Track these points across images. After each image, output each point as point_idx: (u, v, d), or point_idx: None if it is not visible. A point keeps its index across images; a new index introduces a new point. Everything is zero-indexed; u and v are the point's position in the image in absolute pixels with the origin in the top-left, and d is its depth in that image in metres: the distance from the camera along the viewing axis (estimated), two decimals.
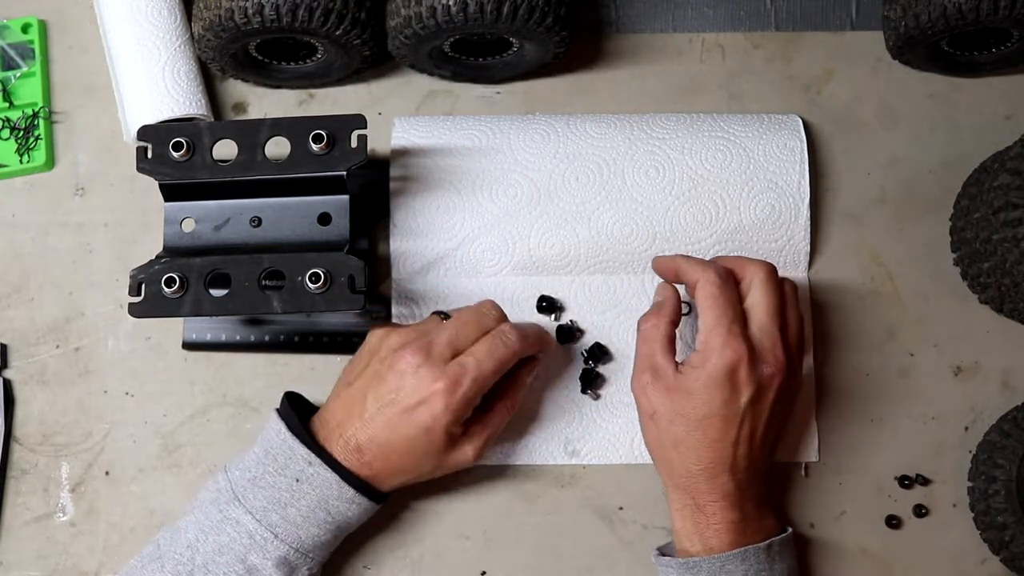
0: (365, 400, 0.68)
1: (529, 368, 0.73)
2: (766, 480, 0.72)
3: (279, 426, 0.68)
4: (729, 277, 0.70)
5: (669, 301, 0.72)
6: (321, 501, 0.67)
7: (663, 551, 0.73)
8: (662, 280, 0.75)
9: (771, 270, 0.72)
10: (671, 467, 0.70)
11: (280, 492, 0.67)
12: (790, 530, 0.72)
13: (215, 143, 0.70)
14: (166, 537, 0.67)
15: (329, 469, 0.67)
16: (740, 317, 0.69)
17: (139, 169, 0.69)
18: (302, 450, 0.67)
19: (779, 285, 0.71)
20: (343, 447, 0.68)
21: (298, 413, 0.70)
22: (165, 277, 0.67)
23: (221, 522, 0.66)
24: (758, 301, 0.70)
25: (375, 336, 0.71)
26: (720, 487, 0.69)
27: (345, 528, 0.69)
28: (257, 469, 0.68)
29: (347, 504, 0.67)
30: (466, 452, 0.69)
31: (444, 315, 0.72)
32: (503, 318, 0.71)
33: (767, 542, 0.69)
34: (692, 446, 0.69)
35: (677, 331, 0.76)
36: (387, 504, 0.72)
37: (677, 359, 0.71)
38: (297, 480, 0.67)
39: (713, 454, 0.68)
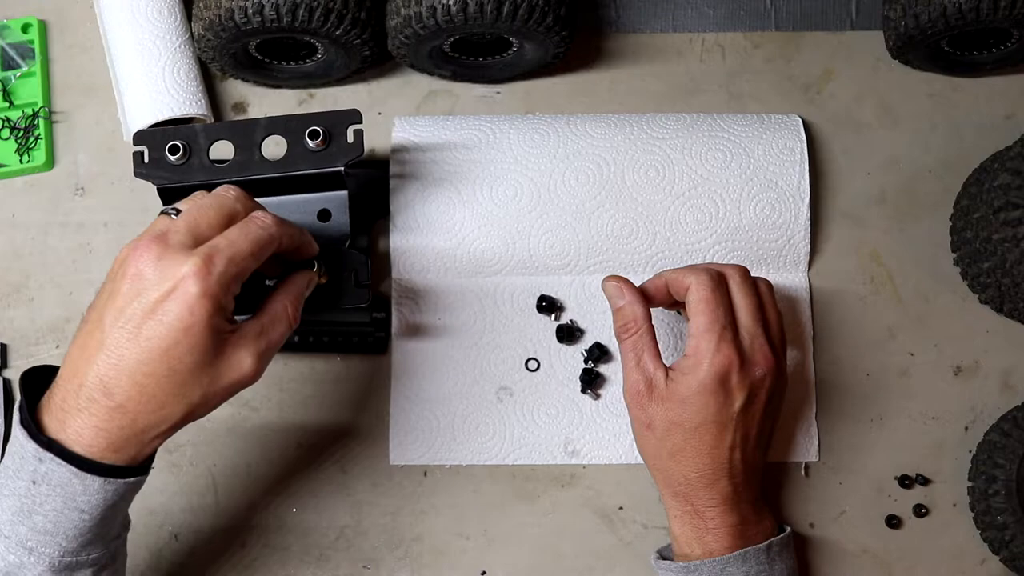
0: (102, 324, 0.56)
1: (305, 274, 0.64)
2: (761, 481, 0.72)
3: (15, 416, 0.57)
4: (721, 280, 0.69)
5: (639, 308, 0.70)
6: (67, 500, 0.56)
7: (662, 554, 0.73)
8: (611, 289, 0.72)
9: (744, 272, 0.71)
10: (669, 476, 0.70)
11: (21, 499, 0.56)
12: (788, 529, 0.72)
13: (211, 144, 0.70)
14: None
15: (63, 463, 0.55)
16: (732, 322, 0.68)
17: (136, 174, 0.69)
18: (30, 446, 0.56)
19: (755, 285, 0.71)
20: (85, 403, 0.55)
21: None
22: None
23: None
24: (738, 304, 0.70)
25: (115, 263, 0.58)
26: (719, 492, 0.68)
27: (112, 513, 0.58)
28: (2, 473, 0.58)
29: (98, 494, 0.56)
30: (242, 361, 0.58)
31: (175, 211, 0.60)
32: (252, 204, 0.62)
33: (767, 543, 0.69)
34: (690, 454, 0.68)
35: (668, 327, 0.76)
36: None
37: (666, 361, 0.70)
38: (34, 482, 0.56)
39: (711, 460, 0.68)
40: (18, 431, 0.57)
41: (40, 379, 0.60)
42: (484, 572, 0.76)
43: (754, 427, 0.69)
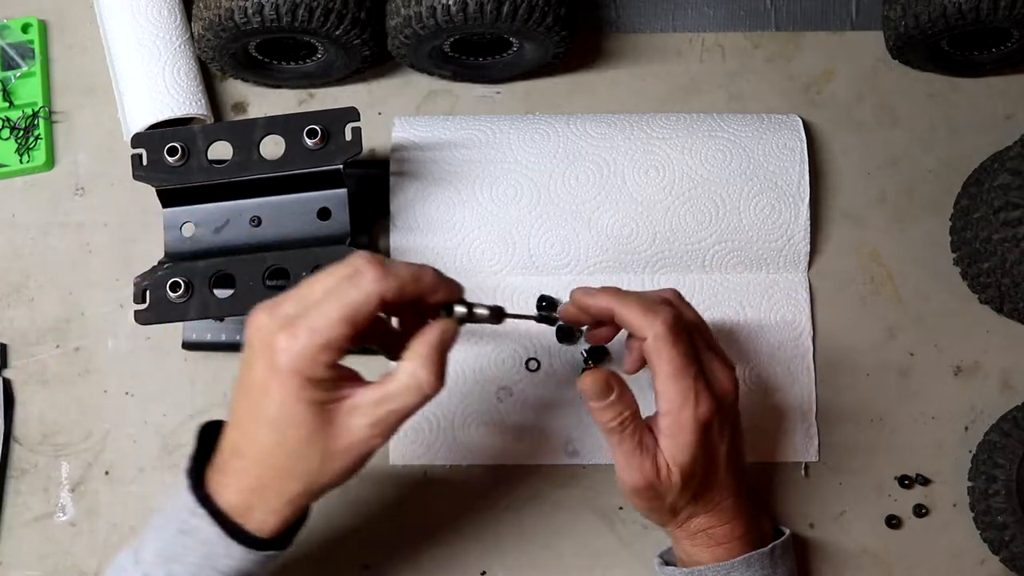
0: (234, 390, 0.58)
1: (438, 325, 0.58)
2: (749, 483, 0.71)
3: (184, 463, 0.59)
4: (679, 320, 0.63)
5: (624, 402, 0.64)
6: (207, 558, 0.57)
7: (665, 559, 0.72)
8: (585, 380, 0.64)
9: (678, 295, 0.67)
10: (677, 523, 0.68)
11: (167, 544, 0.57)
12: (788, 531, 0.72)
13: (210, 145, 0.70)
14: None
15: (212, 522, 0.56)
16: (698, 366, 0.64)
17: (135, 176, 0.70)
18: (186, 497, 0.57)
19: (679, 312, 0.65)
20: (227, 459, 0.57)
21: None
22: (170, 282, 0.67)
23: (116, 571, 0.59)
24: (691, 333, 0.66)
25: None
26: (725, 512, 0.67)
27: None
28: (159, 515, 0.59)
29: (237, 561, 0.57)
30: (355, 431, 0.55)
31: None
32: (373, 262, 0.56)
33: (770, 547, 0.69)
34: (694, 503, 0.67)
35: None
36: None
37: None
38: (181, 532, 0.57)
39: (714, 493, 0.67)
40: (182, 477, 0.58)
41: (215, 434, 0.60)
42: (484, 572, 0.76)
43: (739, 445, 0.68)
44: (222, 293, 0.69)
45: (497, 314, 0.61)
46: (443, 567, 0.76)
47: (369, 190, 0.78)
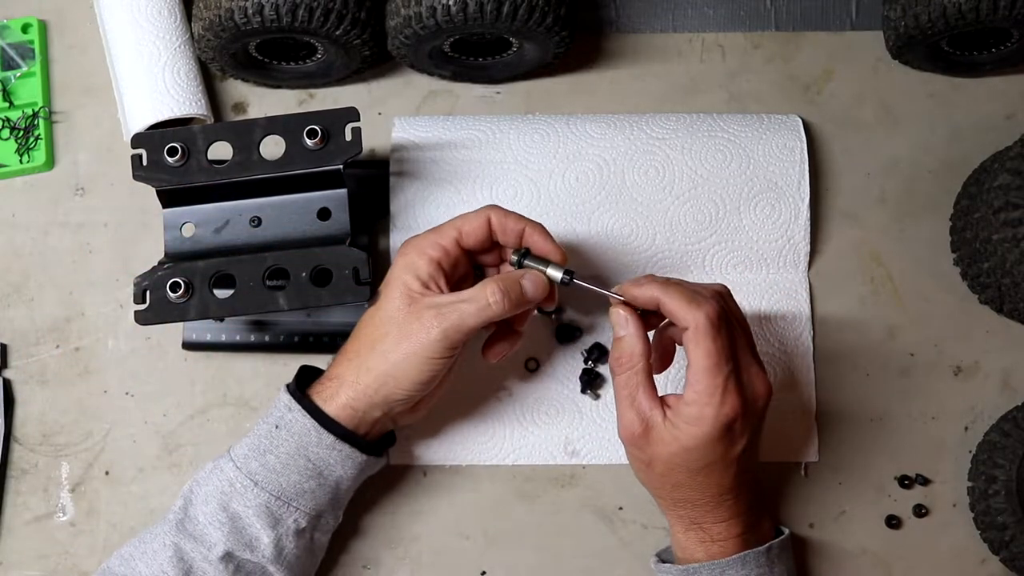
0: None
1: (530, 273, 0.68)
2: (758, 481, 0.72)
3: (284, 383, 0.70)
4: (722, 315, 0.64)
5: (639, 344, 0.66)
6: (300, 448, 0.66)
7: (661, 557, 0.72)
8: (616, 317, 0.67)
9: (728, 293, 0.68)
10: (673, 501, 0.68)
11: (261, 439, 0.67)
12: (787, 531, 0.72)
13: (210, 146, 0.70)
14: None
15: (307, 415, 0.66)
16: (733, 365, 0.64)
17: (135, 177, 0.70)
18: (285, 397, 0.68)
19: (723, 306, 0.66)
20: (330, 371, 0.68)
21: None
22: (170, 282, 0.67)
23: (211, 471, 0.68)
24: (734, 333, 0.66)
25: None
26: (726, 510, 0.68)
27: (331, 477, 0.67)
28: (254, 427, 0.69)
29: (327, 451, 0.67)
30: (424, 316, 0.65)
31: None
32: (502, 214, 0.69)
33: (766, 545, 0.69)
34: (695, 486, 0.67)
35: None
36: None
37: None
38: (276, 427, 0.67)
39: (717, 487, 0.67)
40: (282, 388, 0.69)
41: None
42: (484, 572, 0.76)
43: (755, 446, 0.68)
44: (222, 293, 0.69)
45: (568, 274, 0.68)
46: (443, 567, 0.76)
47: (369, 190, 0.78)
